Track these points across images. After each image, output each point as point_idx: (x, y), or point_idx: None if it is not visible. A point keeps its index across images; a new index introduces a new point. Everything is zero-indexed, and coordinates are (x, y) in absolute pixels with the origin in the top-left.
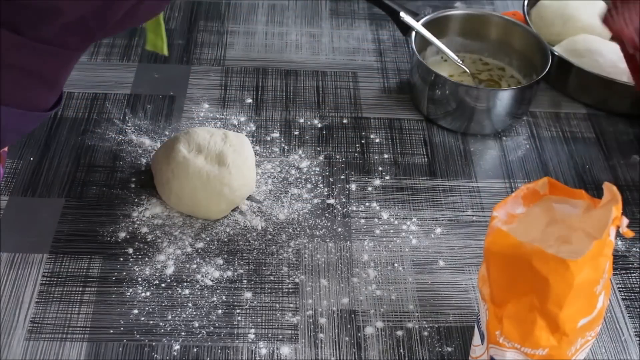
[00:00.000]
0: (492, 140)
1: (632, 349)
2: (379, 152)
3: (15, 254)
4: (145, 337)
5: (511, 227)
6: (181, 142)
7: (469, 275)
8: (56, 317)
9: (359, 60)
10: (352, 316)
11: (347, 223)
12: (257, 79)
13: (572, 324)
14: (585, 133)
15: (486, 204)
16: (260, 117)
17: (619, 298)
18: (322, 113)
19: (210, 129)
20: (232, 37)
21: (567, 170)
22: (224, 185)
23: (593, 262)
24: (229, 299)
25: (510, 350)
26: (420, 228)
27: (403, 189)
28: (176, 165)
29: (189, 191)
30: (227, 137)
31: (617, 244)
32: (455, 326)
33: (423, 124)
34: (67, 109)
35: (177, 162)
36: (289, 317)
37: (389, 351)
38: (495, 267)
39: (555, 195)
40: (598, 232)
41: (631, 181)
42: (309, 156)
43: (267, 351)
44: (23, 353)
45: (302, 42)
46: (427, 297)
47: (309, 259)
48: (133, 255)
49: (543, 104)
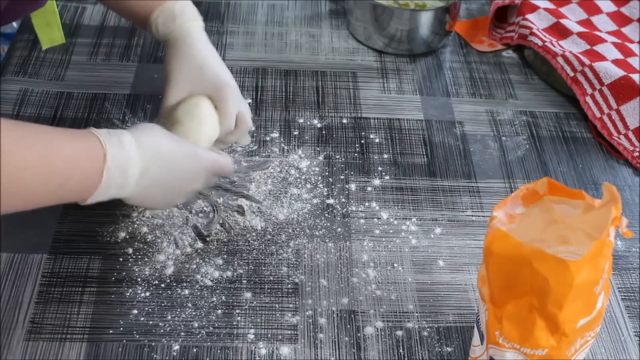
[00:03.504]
0: (492, 140)
1: (631, 349)
2: (378, 152)
3: (15, 254)
4: (144, 338)
5: (511, 228)
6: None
7: (469, 275)
8: (56, 317)
9: (359, 60)
10: (351, 316)
11: (347, 223)
12: (257, 79)
13: (572, 324)
14: (585, 133)
15: (486, 204)
16: (259, 117)
17: (619, 298)
18: (322, 113)
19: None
20: (232, 37)
21: (567, 170)
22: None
23: (593, 262)
24: (228, 299)
25: (510, 351)
26: (419, 228)
27: (403, 189)
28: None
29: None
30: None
31: (617, 244)
32: (454, 326)
33: (423, 124)
34: (67, 109)
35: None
36: (288, 317)
37: (389, 351)
38: (494, 268)
39: (555, 195)
40: (597, 233)
41: (631, 181)
42: (308, 156)
43: (267, 351)
44: (22, 353)
45: (302, 42)
46: (426, 297)
47: (309, 259)
48: (133, 256)
49: (543, 104)
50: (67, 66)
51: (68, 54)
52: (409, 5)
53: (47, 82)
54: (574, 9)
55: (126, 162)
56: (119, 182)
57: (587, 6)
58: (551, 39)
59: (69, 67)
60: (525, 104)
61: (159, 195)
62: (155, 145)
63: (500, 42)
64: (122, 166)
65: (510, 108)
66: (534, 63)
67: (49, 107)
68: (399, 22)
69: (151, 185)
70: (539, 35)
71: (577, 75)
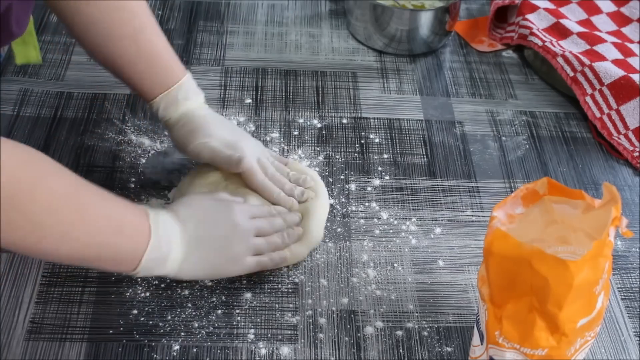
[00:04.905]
0: (492, 140)
1: (631, 349)
2: (378, 152)
3: (15, 254)
4: (144, 338)
5: (511, 228)
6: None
7: (469, 275)
8: (56, 317)
9: (359, 60)
10: (351, 316)
11: (347, 223)
12: (257, 79)
13: (572, 324)
14: (585, 133)
15: (486, 204)
16: (259, 117)
17: (619, 298)
18: (322, 113)
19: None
20: (232, 37)
21: (567, 170)
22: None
23: (592, 262)
24: (228, 299)
25: (510, 351)
26: (419, 228)
27: (402, 189)
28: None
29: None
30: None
31: (617, 244)
32: (454, 326)
33: (423, 124)
34: (67, 109)
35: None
36: (288, 317)
37: (389, 351)
38: (494, 268)
39: (555, 195)
40: (597, 233)
41: (631, 181)
42: (308, 156)
43: (267, 351)
44: (22, 353)
45: (302, 42)
46: (426, 297)
47: (309, 259)
48: None
49: (543, 104)
50: (67, 66)
51: (68, 54)
52: (406, 6)
53: (47, 82)
54: (574, 9)
55: (166, 256)
56: (159, 271)
57: (587, 6)
58: (551, 39)
59: (69, 67)
60: (525, 104)
61: (207, 272)
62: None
63: (500, 42)
64: (160, 258)
65: (510, 108)
66: (534, 63)
67: (49, 107)
68: (399, 22)
69: (194, 269)
70: (539, 35)
71: (577, 75)
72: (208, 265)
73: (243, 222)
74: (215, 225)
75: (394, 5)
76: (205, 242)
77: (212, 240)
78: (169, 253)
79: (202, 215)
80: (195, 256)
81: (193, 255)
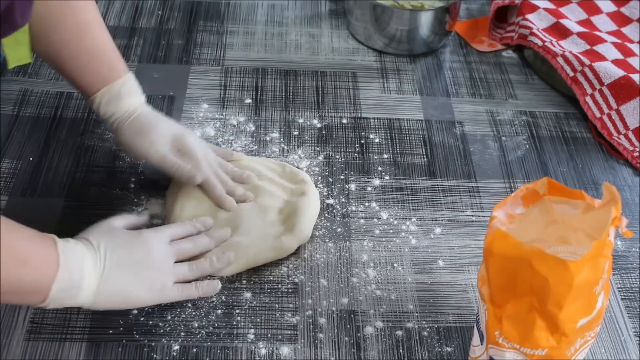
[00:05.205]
0: (492, 140)
1: (631, 349)
2: (378, 152)
3: None
4: (144, 338)
5: (510, 228)
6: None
7: (469, 275)
8: (55, 317)
9: (359, 60)
10: (351, 316)
11: (347, 223)
12: (257, 79)
13: (572, 324)
14: (585, 133)
15: (485, 204)
16: (259, 117)
17: (619, 298)
18: (322, 113)
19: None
20: (232, 37)
21: (567, 170)
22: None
23: (592, 262)
24: (228, 299)
25: (510, 351)
26: (419, 228)
27: (402, 189)
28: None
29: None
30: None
31: (617, 244)
32: (454, 326)
33: (423, 124)
34: (67, 109)
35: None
36: (288, 317)
37: (389, 351)
38: (494, 268)
39: (555, 195)
40: (597, 233)
41: (631, 181)
42: (308, 156)
43: (267, 351)
44: (22, 353)
45: (302, 42)
46: (426, 297)
47: (309, 259)
48: None
49: (543, 104)
50: None
51: None
52: (405, 6)
53: (47, 82)
54: (574, 9)
55: (78, 285)
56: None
57: (587, 6)
58: (551, 39)
59: None
60: (525, 104)
61: (124, 300)
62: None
63: (500, 42)
64: (71, 288)
65: (510, 108)
66: (534, 63)
67: (49, 107)
68: (399, 22)
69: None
70: (539, 35)
71: (577, 75)
72: (125, 295)
73: (158, 246)
74: (130, 252)
75: (394, 5)
76: (120, 271)
77: (127, 267)
78: (80, 283)
79: (116, 243)
80: (111, 285)
81: (108, 284)
